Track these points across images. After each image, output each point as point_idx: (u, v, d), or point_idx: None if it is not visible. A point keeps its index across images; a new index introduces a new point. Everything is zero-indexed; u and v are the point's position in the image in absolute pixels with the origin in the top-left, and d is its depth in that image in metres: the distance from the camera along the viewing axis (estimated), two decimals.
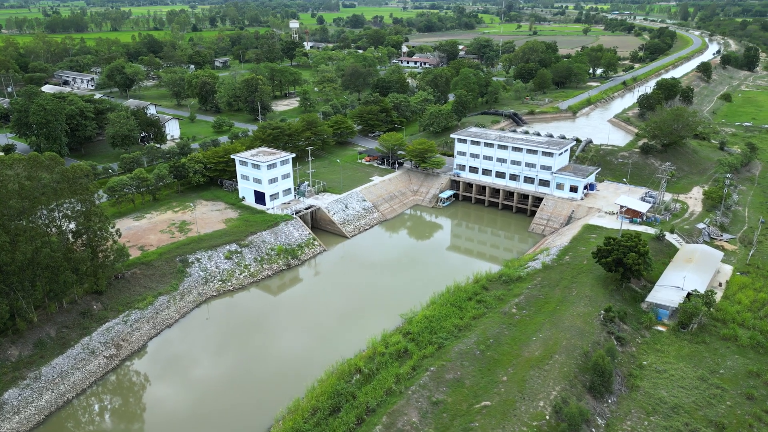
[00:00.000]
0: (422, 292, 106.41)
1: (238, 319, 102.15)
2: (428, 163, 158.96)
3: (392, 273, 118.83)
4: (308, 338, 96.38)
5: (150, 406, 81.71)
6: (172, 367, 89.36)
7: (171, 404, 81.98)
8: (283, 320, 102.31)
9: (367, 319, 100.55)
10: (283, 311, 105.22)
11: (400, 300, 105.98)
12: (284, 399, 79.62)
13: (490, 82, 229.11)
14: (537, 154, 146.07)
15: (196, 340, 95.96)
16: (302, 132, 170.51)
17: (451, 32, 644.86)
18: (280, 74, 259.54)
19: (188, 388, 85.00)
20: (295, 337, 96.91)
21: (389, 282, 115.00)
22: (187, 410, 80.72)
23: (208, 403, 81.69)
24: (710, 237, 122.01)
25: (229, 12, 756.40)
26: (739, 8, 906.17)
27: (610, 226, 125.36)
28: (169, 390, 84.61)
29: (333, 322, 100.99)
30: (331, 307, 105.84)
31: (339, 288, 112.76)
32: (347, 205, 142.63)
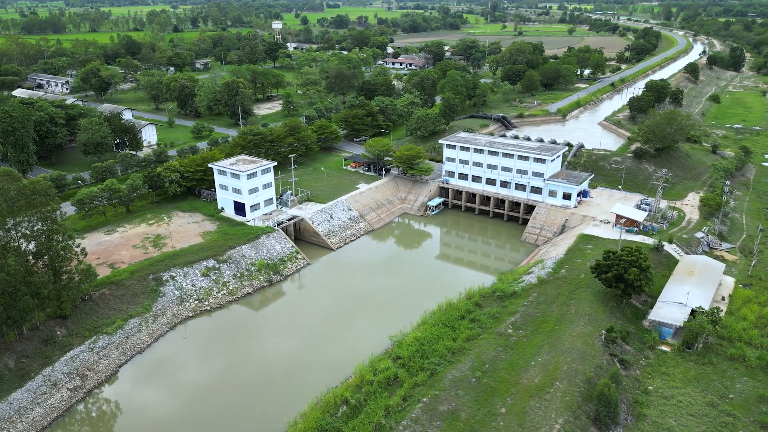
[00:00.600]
0: (412, 310, 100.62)
1: (214, 343, 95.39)
2: (416, 169, 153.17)
3: (380, 288, 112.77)
4: (291, 363, 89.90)
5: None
6: (142, 398, 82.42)
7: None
8: (264, 343, 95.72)
9: (354, 341, 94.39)
10: (263, 333, 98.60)
11: (389, 318, 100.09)
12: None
13: (477, 84, 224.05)
14: (528, 160, 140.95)
15: (169, 367, 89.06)
16: (285, 138, 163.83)
17: (436, 33, 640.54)
18: (262, 77, 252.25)
19: (160, 421, 78.13)
20: (276, 362, 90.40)
21: (377, 298, 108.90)
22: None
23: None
24: (709, 246, 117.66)
25: (211, 12, 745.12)
26: (720, 8, 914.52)
27: (606, 235, 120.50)
28: (139, 424, 77.66)
29: (317, 344, 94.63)
30: (315, 327, 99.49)
31: (323, 306, 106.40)
32: (332, 215, 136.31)
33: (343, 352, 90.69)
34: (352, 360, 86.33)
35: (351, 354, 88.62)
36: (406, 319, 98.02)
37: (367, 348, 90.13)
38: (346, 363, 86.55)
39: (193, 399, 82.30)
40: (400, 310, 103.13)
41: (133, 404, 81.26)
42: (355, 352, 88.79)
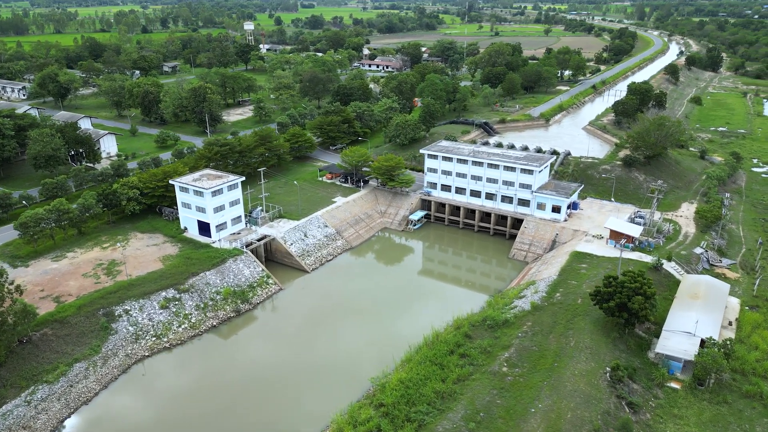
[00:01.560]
0: (396, 342, 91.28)
1: (173, 386, 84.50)
2: (396, 181, 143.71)
3: (359, 316, 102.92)
4: (259, 412, 79.53)
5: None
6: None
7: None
8: (229, 387, 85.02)
9: (331, 383, 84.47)
10: (228, 374, 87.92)
11: (370, 354, 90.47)
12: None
13: (457, 88, 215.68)
14: (515, 171, 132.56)
15: (121, 420, 77.96)
16: (255, 148, 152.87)
17: (412, 33, 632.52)
18: (233, 81, 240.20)
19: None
20: (242, 410, 79.91)
21: (356, 328, 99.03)
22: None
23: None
24: (709, 263, 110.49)
25: (181, 13, 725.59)
26: (692, 8, 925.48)
27: (600, 252, 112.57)
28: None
29: (289, 388, 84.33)
30: (287, 366, 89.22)
31: (296, 340, 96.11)
32: (306, 233, 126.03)
33: (319, 398, 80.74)
34: (328, 408, 76.45)
35: (327, 400, 78.76)
36: (388, 354, 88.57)
37: (346, 392, 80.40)
38: (321, 411, 76.65)
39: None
40: (383, 343, 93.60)
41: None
42: (332, 398, 78.97)
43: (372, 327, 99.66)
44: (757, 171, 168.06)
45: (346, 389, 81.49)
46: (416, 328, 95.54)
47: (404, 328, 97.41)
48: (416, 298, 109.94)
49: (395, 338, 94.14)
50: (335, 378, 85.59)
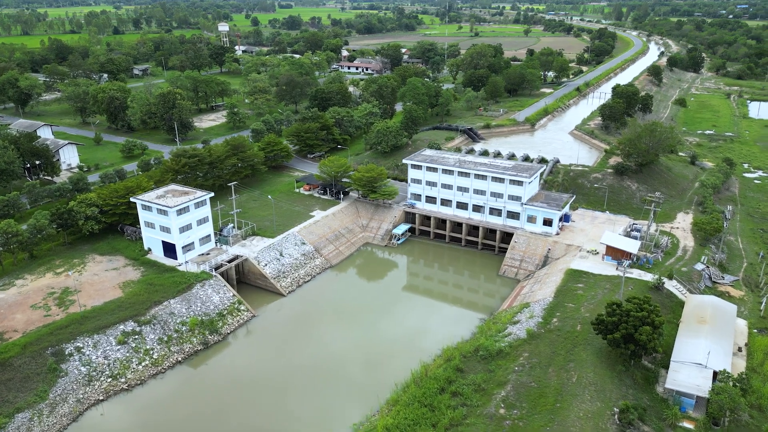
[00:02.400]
0: (380, 377, 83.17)
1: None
2: (379, 193, 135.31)
3: (340, 345, 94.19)
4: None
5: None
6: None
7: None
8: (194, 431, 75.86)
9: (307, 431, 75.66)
10: (193, 418, 78.58)
11: (352, 393, 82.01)
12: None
13: (440, 92, 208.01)
14: (504, 182, 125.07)
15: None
16: (226, 159, 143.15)
17: (391, 34, 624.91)
18: (205, 85, 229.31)
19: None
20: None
21: (336, 362, 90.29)
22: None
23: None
24: (712, 280, 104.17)
25: (155, 13, 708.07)
26: (668, 8, 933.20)
27: (597, 270, 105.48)
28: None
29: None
30: (258, 408, 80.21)
31: (270, 377, 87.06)
32: (282, 251, 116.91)
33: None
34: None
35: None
36: (372, 393, 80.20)
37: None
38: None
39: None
40: (366, 379, 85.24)
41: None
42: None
43: (354, 360, 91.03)
44: (749, 176, 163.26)
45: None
46: (403, 359, 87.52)
47: (390, 360, 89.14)
48: (401, 322, 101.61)
49: (380, 373, 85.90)
50: (313, 425, 76.81)
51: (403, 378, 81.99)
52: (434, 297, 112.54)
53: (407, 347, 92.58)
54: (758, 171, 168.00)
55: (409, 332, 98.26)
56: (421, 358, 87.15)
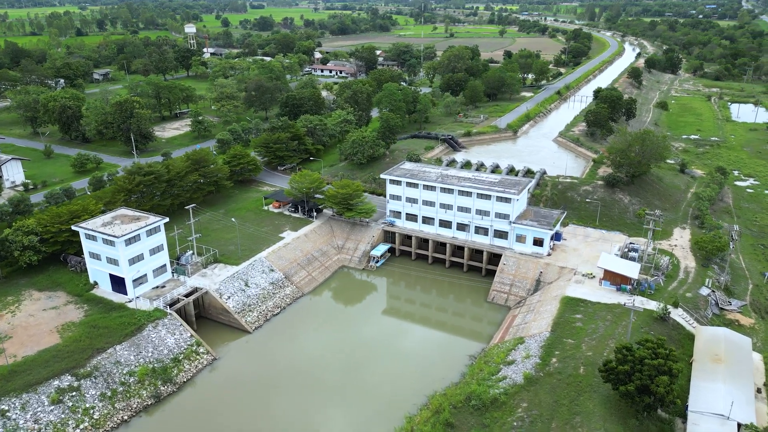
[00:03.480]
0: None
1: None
2: (355, 211, 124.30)
3: (313, 395, 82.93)
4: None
5: None
6: None
7: None
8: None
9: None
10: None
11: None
12: None
13: (418, 98, 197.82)
14: (490, 199, 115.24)
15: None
16: (187, 174, 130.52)
17: (366, 35, 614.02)
18: (168, 91, 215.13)
19: None
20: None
21: (308, 415, 79.03)
22: None
23: None
24: (719, 307, 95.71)
25: (120, 14, 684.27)
26: (639, 8, 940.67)
27: (595, 298, 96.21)
28: None
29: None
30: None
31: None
32: (248, 281, 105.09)
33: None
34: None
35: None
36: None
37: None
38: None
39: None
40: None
41: None
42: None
43: (330, 413, 79.87)
44: (741, 185, 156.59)
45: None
46: (385, 409, 76.85)
47: (371, 413, 78.26)
48: (382, 361, 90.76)
49: (359, 428, 74.89)
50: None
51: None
52: (418, 329, 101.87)
53: (389, 394, 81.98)
54: (749, 179, 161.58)
55: (392, 373, 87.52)
56: (406, 410, 76.57)
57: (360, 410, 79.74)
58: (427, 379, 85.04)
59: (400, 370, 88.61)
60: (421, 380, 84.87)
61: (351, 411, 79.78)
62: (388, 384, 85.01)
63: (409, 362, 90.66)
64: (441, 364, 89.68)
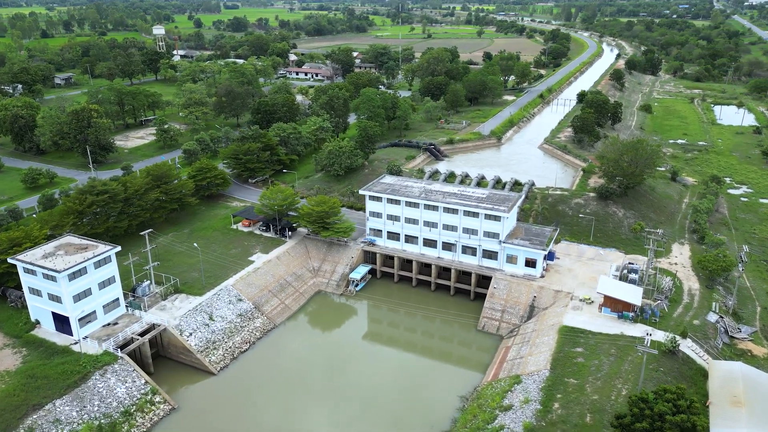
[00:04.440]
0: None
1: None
2: (332, 230, 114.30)
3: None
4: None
5: None
6: None
7: None
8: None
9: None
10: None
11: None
12: None
13: (398, 103, 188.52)
14: (478, 217, 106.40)
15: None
16: (147, 192, 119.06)
17: (342, 36, 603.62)
18: (132, 98, 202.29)
19: None
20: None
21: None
22: None
23: None
24: (729, 335, 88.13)
25: (88, 14, 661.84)
26: (614, 8, 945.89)
27: (596, 328, 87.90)
28: None
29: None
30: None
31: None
32: (213, 313, 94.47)
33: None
34: None
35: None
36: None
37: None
38: None
39: None
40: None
41: None
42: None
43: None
44: (734, 193, 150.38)
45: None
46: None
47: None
48: (363, 402, 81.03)
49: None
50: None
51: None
52: (403, 366, 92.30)
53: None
54: (742, 186, 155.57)
55: (373, 419, 77.84)
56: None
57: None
58: (414, 421, 75.68)
59: (383, 412, 79.00)
60: (408, 425, 75.46)
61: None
62: (369, 425, 75.51)
63: (394, 402, 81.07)
64: (429, 404, 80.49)
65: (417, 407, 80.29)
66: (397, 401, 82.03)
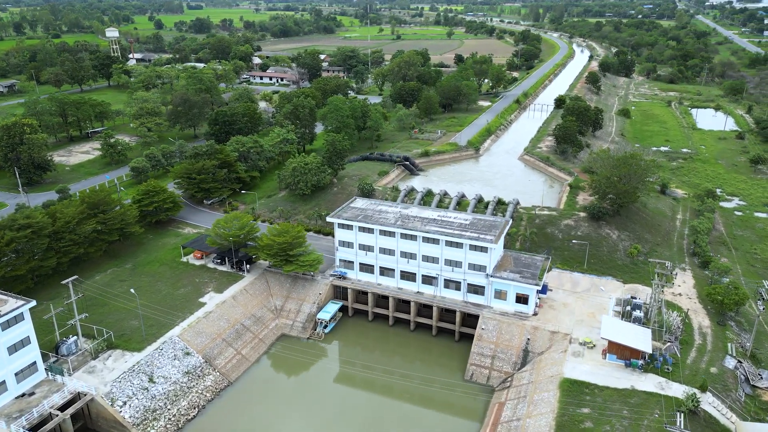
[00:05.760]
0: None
1: None
2: (296, 264, 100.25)
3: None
4: None
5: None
6: None
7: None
8: None
9: None
10: None
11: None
12: None
13: (368, 112, 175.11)
14: (462, 248, 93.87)
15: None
16: (81, 223, 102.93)
17: (309, 37, 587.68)
18: (75, 108, 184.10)
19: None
20: None
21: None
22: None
23: None
24: (750, 383, 77.47)
25: (41, 16, 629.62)
26: (580, 8, 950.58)
27: (602, 380, 76.25)
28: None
29: None
30: None
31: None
32: (153, 374, 79.61)
33: None
34: None
35: None
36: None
37: None
38: None
39: None
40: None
41: None
42: None
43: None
44: (727, 206, 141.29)
45: None
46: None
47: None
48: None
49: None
50: None
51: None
52: (378, 423, 79.05)
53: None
54: (734, 198, 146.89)
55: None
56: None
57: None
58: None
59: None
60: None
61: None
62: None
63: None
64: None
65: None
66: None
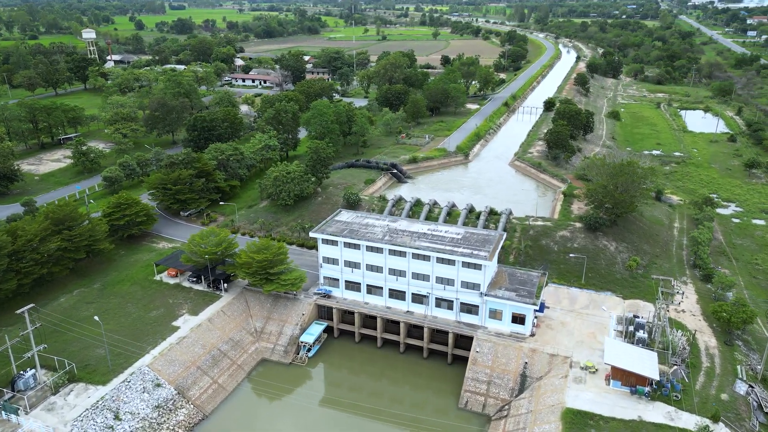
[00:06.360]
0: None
1: None
2: (278, 283, 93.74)
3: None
4: None
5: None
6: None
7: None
8: None
9: None
10: None
11: None
12: None
13: (354, 116, 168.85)
14: (454, 265, 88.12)
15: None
16: (44, 241, 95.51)
17: (294, 38, 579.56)
18: (47, 114, 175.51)
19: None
20: None
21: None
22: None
23: None
24: (763, 410, 72.58)
25: (18, 16, 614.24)
26: (565, 8, 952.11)
27: (607, 410, 70.96)
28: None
29: None
30: None
31: None
32: (120, 410, 72.74)
33: None
34: None
35: None
36: None
37: None
38: None
39: None
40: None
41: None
42: None
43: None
44: (724, 213, 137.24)
45: None
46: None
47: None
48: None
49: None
50: None
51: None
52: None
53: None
54: (730, 204, 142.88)
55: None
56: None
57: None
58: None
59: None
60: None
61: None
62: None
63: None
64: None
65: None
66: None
